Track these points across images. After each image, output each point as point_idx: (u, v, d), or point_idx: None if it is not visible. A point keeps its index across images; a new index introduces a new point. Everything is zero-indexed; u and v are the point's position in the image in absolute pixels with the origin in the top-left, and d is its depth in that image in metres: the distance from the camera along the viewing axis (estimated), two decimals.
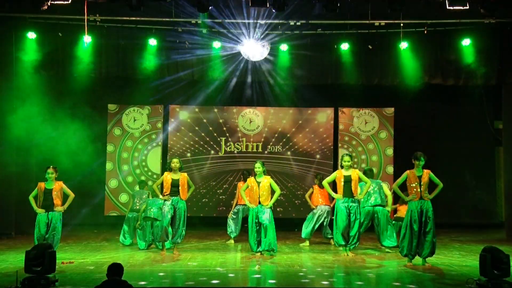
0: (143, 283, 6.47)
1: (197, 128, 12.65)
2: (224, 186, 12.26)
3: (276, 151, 12.60)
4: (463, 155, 12.51)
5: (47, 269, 6.05)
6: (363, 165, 12.25)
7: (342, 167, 8.61)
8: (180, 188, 8.61)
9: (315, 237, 10.12)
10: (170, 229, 8.51)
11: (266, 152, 12.60)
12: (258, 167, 8.70)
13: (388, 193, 9.26)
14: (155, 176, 12.18)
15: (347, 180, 8.40)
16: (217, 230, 11.20)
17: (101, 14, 10.19)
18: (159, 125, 12.66)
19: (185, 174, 8.82)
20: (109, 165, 12.44)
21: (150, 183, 10.41)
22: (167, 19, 10.25)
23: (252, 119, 12.72)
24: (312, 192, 10.02)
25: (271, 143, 12.66)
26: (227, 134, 12.67)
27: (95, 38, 10.55)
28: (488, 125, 12.69)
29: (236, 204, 10.24)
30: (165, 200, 8.58)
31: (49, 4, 9.11)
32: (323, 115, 12.70)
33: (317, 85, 11.87)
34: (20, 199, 9.95)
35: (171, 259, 8.24)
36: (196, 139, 12.64)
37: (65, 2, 9.21)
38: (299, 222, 10.36)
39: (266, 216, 8.52)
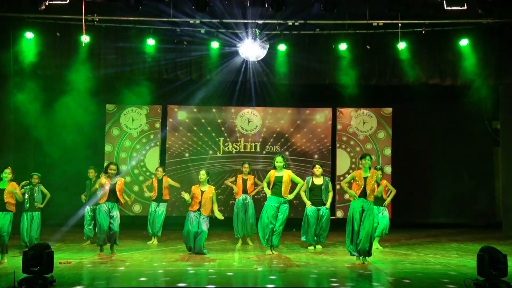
0: (142, 279, 6.48)
1: (195, 128, 12.64)
2: (222, 186, 12.17)
3: (274, 151, 12.58)
4: (461, 155, 12.53)
5: (44, 269, 6.05)
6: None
7: (275, 168, 8.68)
8: (117, 193, 8.64)
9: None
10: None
11: (264, 152, 12.60)
12: (202, 174, 8.75)
13: (331, 190, 9.50)
14: (153, 176, 12.13)
15: (278, 181, 8.53)
16: (216, 230, 11.17)
17: (99, 14, 10.17)
18: (158, 125, 12.65)
19: (122, 179, 8.83)
20: None
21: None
22: (165, 19, 10.23)
23: (251, 119, 12.72)
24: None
25: (269, 143, 12.66)
26: (226, 134, 12.66)
27: (93, 38, 10.52)
28: (486, 125, 12.71)
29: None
30: (100, 205, 8.56)
31: (47, 4, 9.10)
32: (321, 115, 12.71)
33: (315, 85, 11.86)
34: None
35: (171, 259, 8.22)
36: (195, 139, 12.63)
37: (63, 2, 9.21)
38: (298, 222, 10.35)
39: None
